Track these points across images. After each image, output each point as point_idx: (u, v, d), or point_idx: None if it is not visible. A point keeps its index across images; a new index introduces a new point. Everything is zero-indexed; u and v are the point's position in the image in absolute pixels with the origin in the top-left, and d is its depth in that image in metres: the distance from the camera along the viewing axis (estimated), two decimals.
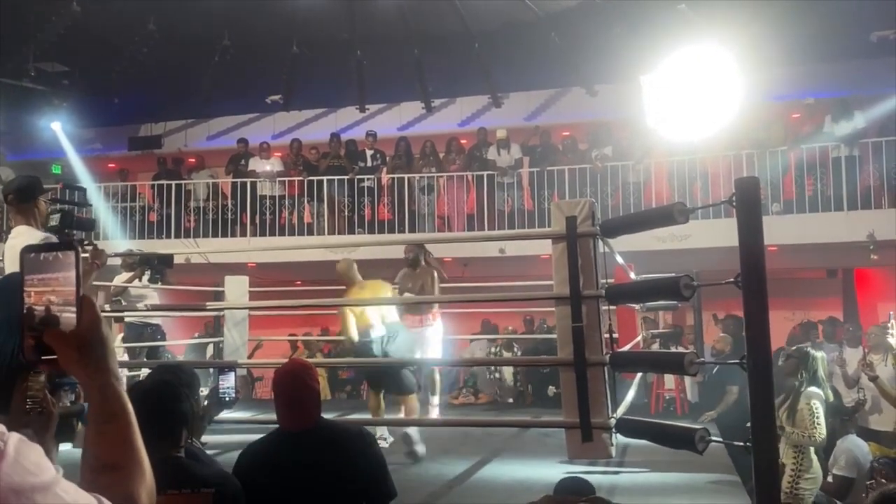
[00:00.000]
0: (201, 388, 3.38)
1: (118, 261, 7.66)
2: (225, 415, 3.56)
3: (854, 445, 5.41)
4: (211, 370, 7.35)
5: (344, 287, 6.11)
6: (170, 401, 2.33)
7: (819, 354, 5.17)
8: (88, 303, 1.01)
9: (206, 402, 3.25)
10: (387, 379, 5.76)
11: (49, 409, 1.61)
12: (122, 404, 1.02)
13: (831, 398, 5.27)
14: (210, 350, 9.72)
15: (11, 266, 3.85)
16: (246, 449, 2.72)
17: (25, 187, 4.06)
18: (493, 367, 9.68)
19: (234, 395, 3.34)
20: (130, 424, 1.03)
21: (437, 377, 6.73)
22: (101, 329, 1.02)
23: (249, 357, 8.81)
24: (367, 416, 5.97)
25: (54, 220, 4.25)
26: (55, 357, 1.01)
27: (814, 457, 4.99)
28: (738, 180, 3.26)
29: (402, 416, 5.72)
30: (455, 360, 9.74)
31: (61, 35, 9.27)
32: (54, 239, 3.94)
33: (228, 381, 3.34)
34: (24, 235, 3.91)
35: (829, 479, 5.17)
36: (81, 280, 1.01)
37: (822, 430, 4.83)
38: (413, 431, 5.50)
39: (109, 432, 1.01)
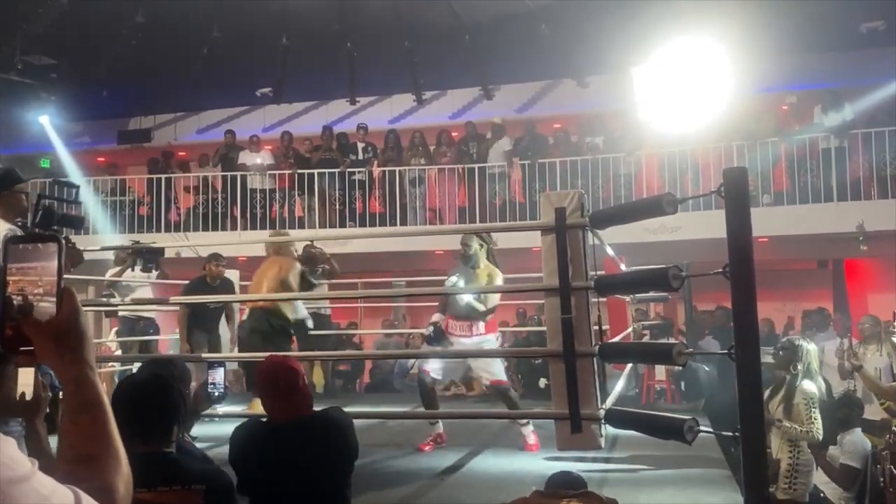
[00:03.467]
0: (192, 383, 3.37)
1: (110, 254, 7.63)
2: (219, 408, 3.56)
3: (861, 439, 5.40)
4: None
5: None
6: (161, 395, 2.30)
7: (811, 346, 5.14)
8: (69, 293, 1.00)
9: (193, 397, 3.24)
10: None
11: (38, 393, 1.60)
12: (98, 395, 1.02)
13: (823, 390, 5.25)
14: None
15: None
16: (235, 436, 2.74)
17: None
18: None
19: (222, 391, 3.32)
20: (106, 415, 1.02)
21: None
22: (80, 320, 1.01)
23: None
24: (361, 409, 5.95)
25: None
26: (32, 348, 1.00)
27: (808, 450, 4.97)
28: (727, 170, 3.27)
29: None
30: (445, 351, 9.74)
31: (48, 27, 9.19)
32: (18, 232, 3.91)
33: (217, 376, 3.31)
34: None
35: (836, 465, 5.18)
36: (63, 272, 1.00)
37: (818, 426, 4.76)
38: None
39: (85, 423, 1.00)
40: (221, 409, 4.59)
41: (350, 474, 2.76)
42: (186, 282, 8.77)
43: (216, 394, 3.27)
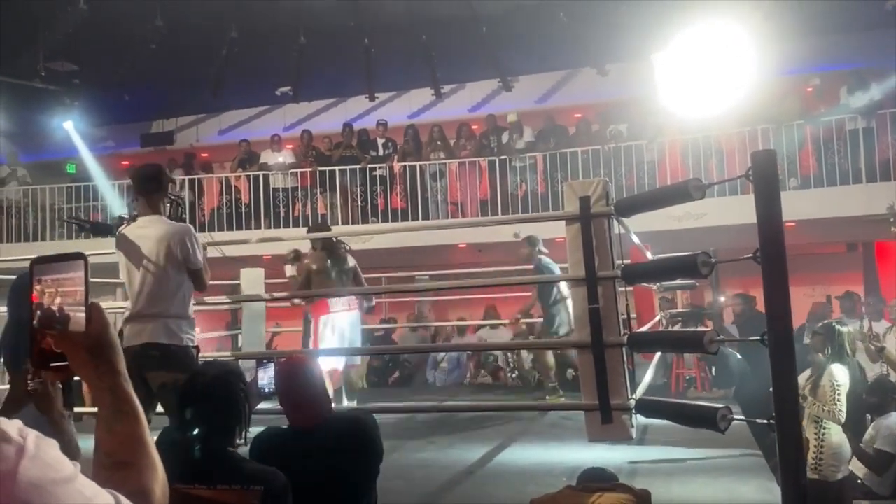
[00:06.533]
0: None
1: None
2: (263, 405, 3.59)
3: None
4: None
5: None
6: (229, 395, 2.34)
7: (845, 329, 5.12)
8: (96, 308, 1.04)
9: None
10: None
11: (45, 390, 1.62)
12: (132, 403, 1.05)
13: (857, 375, 5.21)
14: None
15: (149, 253, 3.86)
16: (255, 444, 2.70)
17: (155, 176, 4.06)
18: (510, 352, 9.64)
19: (273, 388, 3.34)
20: (140, 422, 1.05)
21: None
22: (110, 331, 1.05)
23: (267, 348, 8.83)
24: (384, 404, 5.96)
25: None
26: (65, 363, 1.04)
27: (836, 432, 4.93)
28: (755, 153, 3.19)
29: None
30: (472, 344, 9.74)
31: (70, 34, 9.27)
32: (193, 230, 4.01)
33: (268, 374, 3.36)
34: (157, 225, 3.91)
35: (871, 451, 5.11)
36: (89, 286, 1.03)
37: (841, 407, 4.79)
38: None
39: (121, 431, 1.04)
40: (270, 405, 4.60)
41: (375, 477, 2.72)
42: (219, 282, 8.85)
43: (266, 391, 3.30)
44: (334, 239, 7.63)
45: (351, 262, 6.43)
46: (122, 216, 4.38)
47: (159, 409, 3.76)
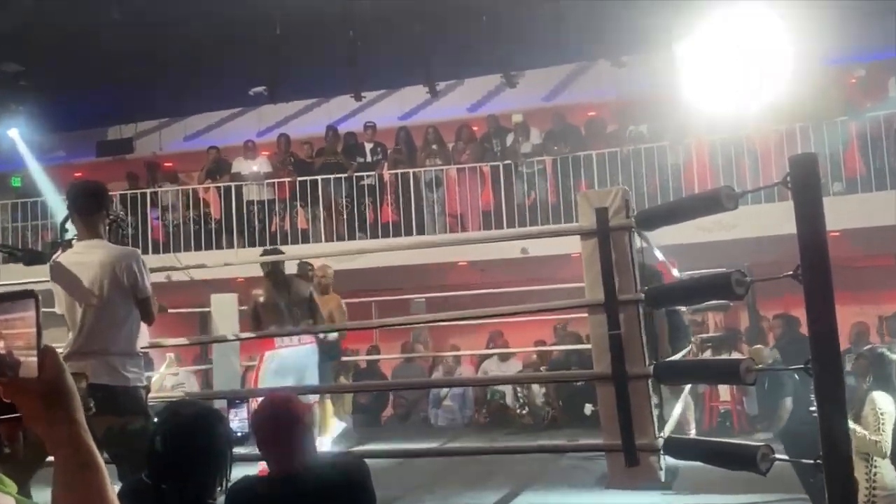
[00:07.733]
0: None
1: None
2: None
3: None
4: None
5: None
6: (209, 440, 2.34)
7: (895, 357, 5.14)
8: (50, 351, 1.05)
9: None
10: None
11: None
12: (93, 455, 1.07)
13: None
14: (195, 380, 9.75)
15: (91, 283, 3.83)
16: (233, 491, 2.70)
17: (95, 193, 4.05)
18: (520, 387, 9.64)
19: (246, 430, 3.32)
20: (102, 474, 1.07)
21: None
22: (65, 377, 1.06)
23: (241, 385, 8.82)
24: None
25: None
26: (17, 415, 1.04)
27: (889, 469, 4.95)
28: (793, 158, 3.22)
29: None
30: (480, 378, 9.74)
31: (14, 30, 9.32)
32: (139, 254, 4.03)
33: (241, 415, 3.34)
34: (99, 250, 3.89)
35: None
36: (42, 328, 1.03)
37: (886, 438, 4.82)
38: None
39: (81, 484, 1.05)
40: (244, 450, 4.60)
41: None
42: (187, 310, 8.84)
43: (239, 434, 3.28)
44: (305, 262, 7.71)
45: (306, 290, 6.59)
46: (57, 241, 4.39)
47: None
